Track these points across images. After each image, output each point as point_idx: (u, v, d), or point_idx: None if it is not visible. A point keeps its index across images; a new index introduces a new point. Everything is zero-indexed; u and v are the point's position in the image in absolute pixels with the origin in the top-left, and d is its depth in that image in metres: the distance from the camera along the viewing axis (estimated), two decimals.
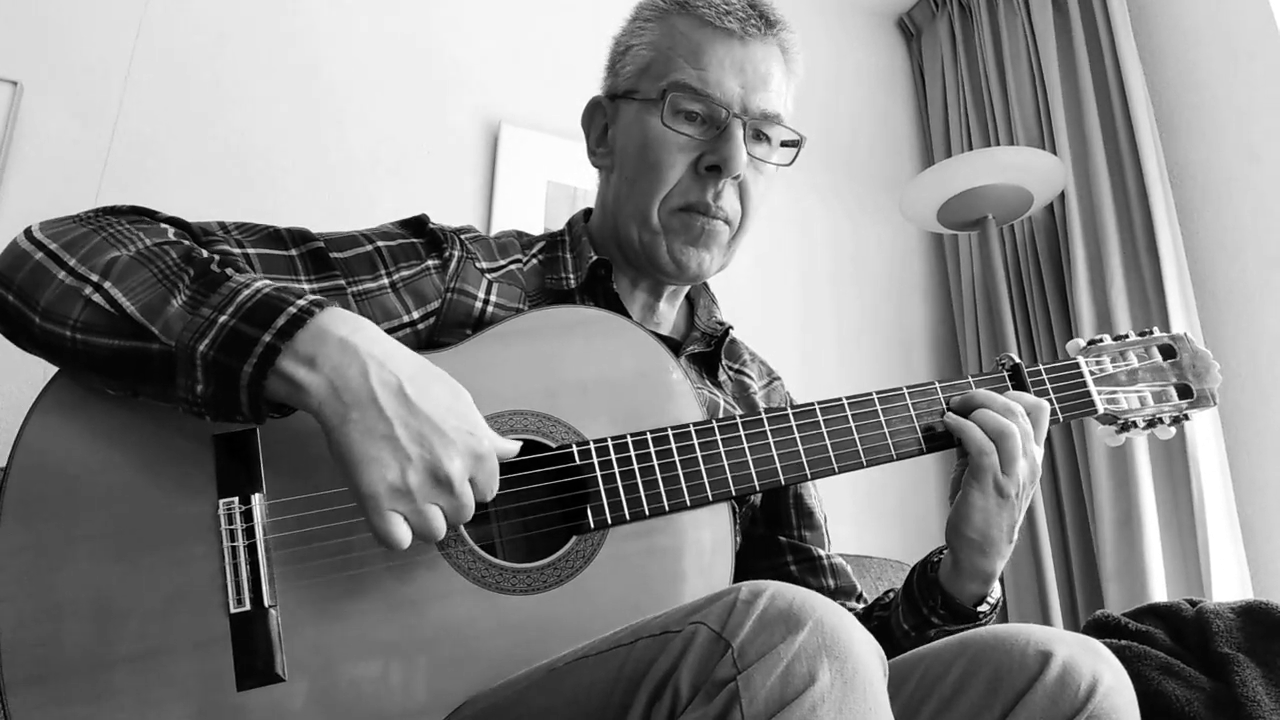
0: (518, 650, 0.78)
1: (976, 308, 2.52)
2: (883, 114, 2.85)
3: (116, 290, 0.73)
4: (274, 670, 0.73)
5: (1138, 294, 2.13)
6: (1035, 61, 2.46)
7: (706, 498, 0.87)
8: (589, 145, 1.12)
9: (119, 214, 0.83)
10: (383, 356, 0.72)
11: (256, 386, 0.70)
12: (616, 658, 0.66)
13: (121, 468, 0.76)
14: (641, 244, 1.02)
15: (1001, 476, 0.90)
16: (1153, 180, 2.11)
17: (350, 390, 0.70)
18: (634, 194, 1.01)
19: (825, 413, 0.93)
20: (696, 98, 0.97)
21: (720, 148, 0.97)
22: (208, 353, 0.70)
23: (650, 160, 0.99)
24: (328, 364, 0.70)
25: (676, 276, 1.04)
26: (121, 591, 0.73)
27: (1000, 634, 0.80)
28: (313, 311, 0.72)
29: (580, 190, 2.17)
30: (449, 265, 0.97)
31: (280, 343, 0.70)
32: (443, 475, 0.71)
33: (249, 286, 0.74)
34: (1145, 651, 1.21)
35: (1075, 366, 1.04)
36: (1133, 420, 1.04)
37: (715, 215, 1.00)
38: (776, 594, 0.63)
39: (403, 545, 0.70)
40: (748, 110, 0.98)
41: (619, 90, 1.06)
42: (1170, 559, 1.96)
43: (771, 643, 0.60)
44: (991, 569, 0.93)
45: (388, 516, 0.70)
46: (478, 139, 2.14)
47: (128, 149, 1.75)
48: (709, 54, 0.98)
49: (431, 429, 0.71)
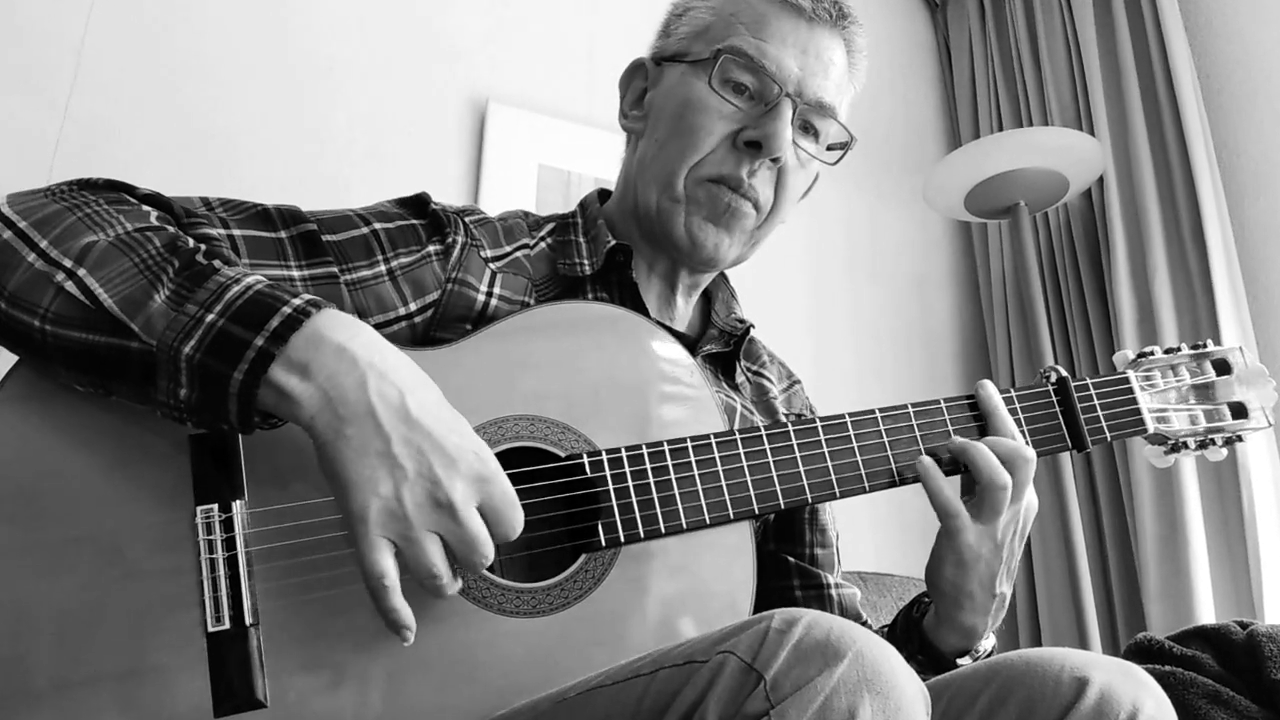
0: (521, 678, 0.78)
1: (1007, 304, 2.54)
2: (904, 91, 2.86)
3: (92, 280, 0.72)
4: (254, 695, 0.73)
5: (1183, 288, 2.15)
6: (1071, 34, 2.48)
7: (727, 515, 0.88)
8: (622, 108, 1.12)
9: (95, 189, 0.82)
10: (383, 367, 0.71)
11: (249, 395, 0.69)
12: (635, 689, 0.67)
13: (88, 470, 0.75)
14: (658, 210, 1.02)
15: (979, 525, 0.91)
16: (1199, 163, 2.13)
17: (346, 403, 0.69)
18: (661, 157, 1.02)
19: (856, 425, 0.94)
20: (750, 68, 0.99)
21: (764, 124, 0.98)
22: (193, 355, 0.69)
23: (687, 123, 1.00)
24: (322, 373, 0.69)
25: (689, 254, 1.03)
26: (88, 607, 0.72)
27: (1033, 658, 0.81)
28: (309, 313, 0.71)
29: (575, 175, 2.19)
30: (451, 252, 0.96)
31: (274, 348, 0.69)
32: (443, 498, 0.69)
33: (239, 282, 0.73)
34: (1191, 678, 1.23)
35: (1125, 381, 1.05)
36: (1183, 441, 1.05)
37: (745, 194, 1.00)
38: (813, 623, 0.63)
39: (383, 579, 0.68)
40: (802, 94, 1.00)
41: (668, 52, 1.06)
42: (1218, 577, 1.98)
43: (808, 675, 0.60)
44: (969, 623, 0.94)
45: (373, 543, 0.67)
46: (463, 118, 2.15)
47: (81, 129, 1.75)
48: (773, 26, 1.00)
49: (433, 446, 0.70)
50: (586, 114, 2.27)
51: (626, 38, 2.37)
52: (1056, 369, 1.03)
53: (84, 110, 1.77)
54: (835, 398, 1.36)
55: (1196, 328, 2.10)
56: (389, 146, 2.05)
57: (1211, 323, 2.05)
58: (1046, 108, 2.51)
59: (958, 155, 2.22)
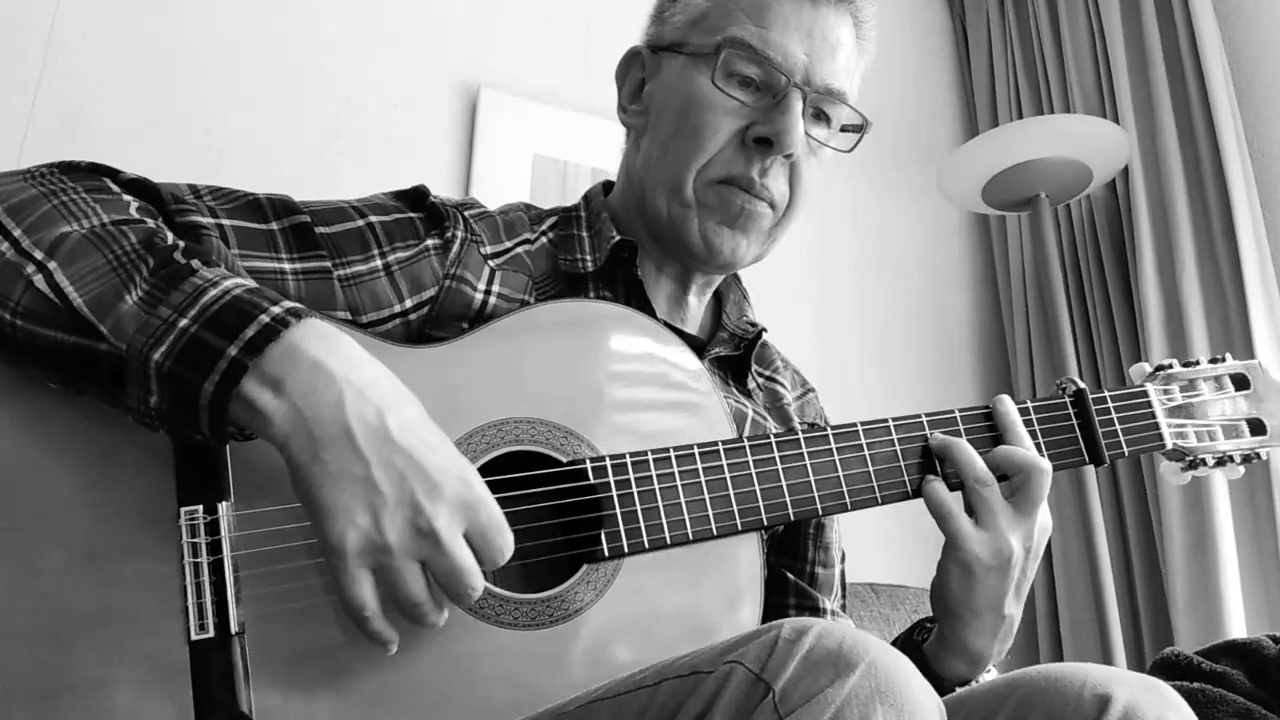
0: (518, 692, 0.79)
1: (1027, 302, 2.55)
2: (917, 76, 2.87)
3: (62, 275, 0.71)
4: (239, 708, 0.72)
5: (1212, 284, 2.16)
6: (1095, 16, 2.49)
7: (735, 526, 0.88)
8: (620, 101, 1.13)
9: (76, 174, 0.82)
10: (361, 384, 0.71)
11: (220, 408, 0.69)
12: (637, 701, 0.67)
13: (65, 468, 0.75)
14: (670, 217, 1.02)
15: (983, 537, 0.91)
16: (1229, 153, 2.14)
17: (322, 423, 0.68)
18: (667, 159, 1.02)
19: (869, 434, 0.95)
20: (754, 59, 0.98)
21: (774, 119, 0.98)
22: (163, 363, 0.69)
23: (692, 122, 1.00)
24: (296, 389, 0.69)
25: (704, 260, 1.04)
26: (63, 612, 0.71)
27: (1053, 674, 0.81)
28: (287, 322, 0.70)
29: (572, 165, 2.19)
30: (450, 247, 0.97)
31: (248, 358, 0.68)
32: (425, 524, 0.68)
33: (216, 286, 0.72)
34: (1221, 695, 1.23)
35: (1143, 395, 1.07)
36: (1201, 458, 1.08)
37: (759, 195, 1.00)
38: (824, 632, 0.64)
39: (363, 610, 0.68)
40: (810, 82, 1.00)
41: (664, 41, 1.06)
42: (1250, 588, 1.99)
43: (818, 686, 0.61)
44: (975, 646, 0.94)
45: (353, 576, 0.68)
46: (453, 104, 2.15)
47: (51, 117, 1.76)
48: (774, 11, 0.99)
49: (414, 470, 0.69)
50: (583, 101, 2.28)
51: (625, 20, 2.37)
52: (1074, 381, 1.05)
53: (55, 97, 1.77)
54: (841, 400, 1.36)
55: (1227, 327, 2.10)
56: (375, 135, 2.05)
57: (1243, 322, 2.06)
58: (1069, 94, 2.52)
59: (975, 144, 2.22)
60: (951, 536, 0.91)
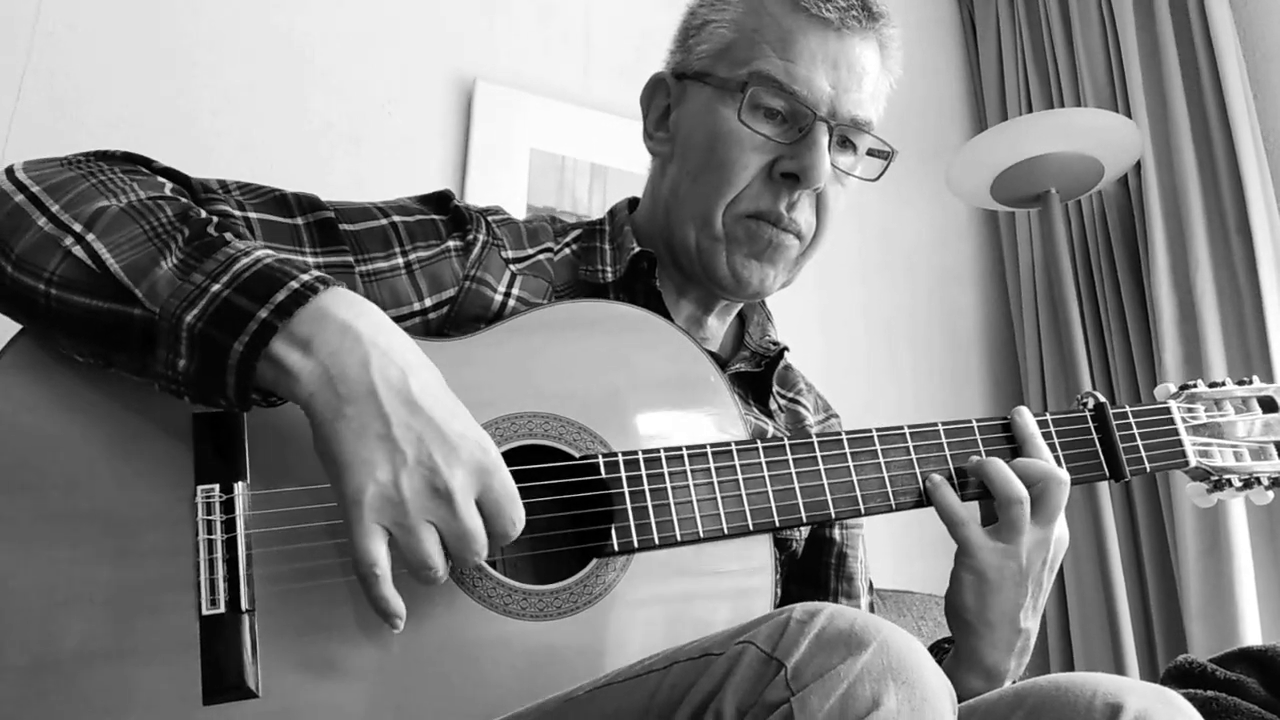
0: (526, 682, 0.81)
1: (1037, 300, 2.55)
2: (925, 70, 2.88)
3: (100, 244, 0.76)
4: (246, 684, 0.75)
5: (1227, 282, 2.16)
6: (1107, 8, 2.50)
7: (746, 527, 0.90)
8: (646, 127, 1.15)
9: (112, 160, 0.87)
10: (387, 347, 0.75)
11: (247, 367, 0.72)
12: (647, 684, 0.69)
13: (87, 443, 0.78)
14: (699, 250, 1.05)
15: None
16: (1245, 148, 2.14)
17: (347, 381, 0.72)
18: (696, 192, 1.05)
19: (883, 440, 0.97)
20: (780, 93, 1.01)
21: (801, 154, 1.00)
22: (195, 324, 0.72)
23: (719, 157, 1.02)
24: (324, 349, 0.73)
25: (734, 292, 1.07)
26: (77, 583, 0.74)
27: (1063, 683, 0.82)
28: (316, 288, 0.75)
29: (570, 160, 2.19)
30: (471, 249, 1.01)
31: (278, 320, 0.72)
32: (441, 485, 0.72)
33: (248, 254, 0.76)
34: (1236, 704, 1.24)
35: (1166, 411, 1.08)
36: (1227, 479, 1.09)
37: (786, 228, 1.03)
38: (836, 614, 0.65)
39: (374, 567, 0.70)
40: (836, 114, 1.02)
41: (690, 70, 1.09)
42: (1265, 594, 1.99)
43: (830, 664, 0.62)
44: (990, 661, 0.95)
45: (368, 529, 0.70)
46: (449, 97, 2.15)
47: (35, 109, 1.76)
48: (800, 44, 1.01)
49: (434, 433, 0.73)
50: (582, 94, 2.28)
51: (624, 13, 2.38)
52: (1094, 395, 1.06)
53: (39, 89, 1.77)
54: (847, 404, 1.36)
55: (1241, 324, 2.11)
56: (369, 128, 2.06)
57: (1258, 318, 2.07)
58: (1079, 87, 2.52)
59: (984, 138, 2.23)
60: (963, 544, 0.93)
